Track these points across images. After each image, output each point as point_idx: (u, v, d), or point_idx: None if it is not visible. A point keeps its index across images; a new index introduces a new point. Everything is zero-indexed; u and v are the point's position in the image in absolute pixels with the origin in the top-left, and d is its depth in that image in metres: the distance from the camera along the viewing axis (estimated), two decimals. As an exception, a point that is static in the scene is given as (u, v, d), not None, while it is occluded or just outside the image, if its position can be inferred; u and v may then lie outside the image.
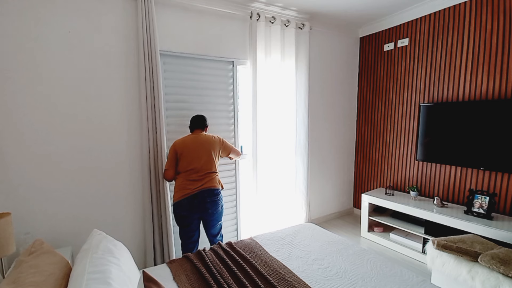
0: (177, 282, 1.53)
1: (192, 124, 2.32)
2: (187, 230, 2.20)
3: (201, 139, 2.22)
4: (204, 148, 2.18)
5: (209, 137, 2.26)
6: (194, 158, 2.14)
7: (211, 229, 2.25)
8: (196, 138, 2.22)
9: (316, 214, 3.62)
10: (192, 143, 2.18)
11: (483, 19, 2.50)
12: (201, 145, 2.18)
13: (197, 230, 2.25)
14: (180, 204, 2.12)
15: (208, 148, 2.20)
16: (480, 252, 1.88)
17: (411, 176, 3.21)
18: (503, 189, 2.45)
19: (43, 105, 1.99)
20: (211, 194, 2.15)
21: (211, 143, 2.22)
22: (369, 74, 3.63)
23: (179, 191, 2.13)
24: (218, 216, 2.24)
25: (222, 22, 2.68)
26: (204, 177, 2.15)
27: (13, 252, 1.56)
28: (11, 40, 1.86)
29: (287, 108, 3.08)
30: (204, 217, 2.20)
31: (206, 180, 2.15)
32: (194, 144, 2.18)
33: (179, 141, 2.20)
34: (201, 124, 2.31)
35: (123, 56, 2.24)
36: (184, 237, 2.22)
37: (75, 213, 2.15)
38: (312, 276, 1.62)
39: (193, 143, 2.18)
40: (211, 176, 2.18)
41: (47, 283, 1.11)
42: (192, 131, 2.32)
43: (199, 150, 2.16)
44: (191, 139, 2.21)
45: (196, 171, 2.13)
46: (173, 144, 2.21)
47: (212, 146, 2.22)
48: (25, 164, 1.96)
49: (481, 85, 2.55)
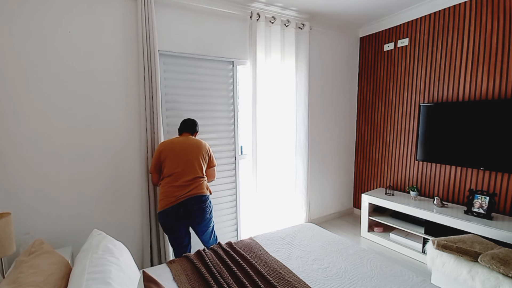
0: (177, 282, 1.53)
1: (182, 127, 2.23)
2: (176, 237, 2.10)
3: (190, 142, 2.12)
4: (193, 152, 2.06)
5: (198, 141, 2.16)
6: (181, 162, 2.01)
7: (202, 236, 2.14)
8: (184, 141, 2.11)
9: (316, 214, 3.62)
10: (180, 146, 2.07)
11: (483, 19, 2.50)
12: (189, 148, 2.07)
13: (187, 236, 2.16)
14: (165, 213, 1.98)
15: (197, 152, 2.08)
16: (480, 252, 1.88)
17: (411, 176, 3.21)
18: (503, 189, 2.45)
19: (42, 105, 1.99)
20: (198, 201, 2.01)
21: (199, 147, 2.11)
22: (369, 74, 3.63)
23: (164, 199, 1.98)
24: (207, 223, 2.12)
25: (222, 22, 2.68)
26: (192, 183, 2.01)
27: (13, 252, 1.56)
28: (11, 40, 1.86)
29: (287, 108, 3.08)
30: (192, 225, 2.10)
31: (194, 186, 2.01)
32: (182, 146, 2.06)
33: (167, 142, 2.10)
34: (190, 128, 2.22)
35: (122, 56, 2.24)
36: (174, 244, 2.12)
37: (75, 213, 2.15)
38: (312, 276, 1.62)
39: (181, 145, 2.07)
40: (199, 181, 2.05)
41: (47, 283, 1.11)
42: (181, 134, 2.22)
43: (187, 153, 2.04)
44: (179, 141, 2.10)
45: (183, 175, 2.00)
46: (159, 144, 2.11)
47: (201, 151, 2.11)
48: (25, 164, 1.96)
49: (481, 85, 2.55)
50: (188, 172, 2.02)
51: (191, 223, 2.09)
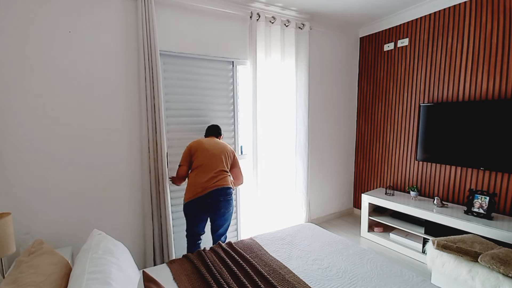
0: (177, 282, 1.53)
1: (208, 131, 2.45)
2: (196, 227, 2.22)
3: (216, 141, 2.33)
4: (219, 148, 2.25)
5: (224, 143, 2.35)
6: (208, 156, 2.19)
7: (220, 228, 2.24)
8: (211, 139, 2.33)
9: (316, 214, 3.62)
10: (207, 142, 2.27)
11: (483, 19, 2.50)
12: (215, 145, 2.26)
13: (203, 227, 2.29)
14: (192, 203, 2.13)
15: (222, 149, 2.26)
16: (480, 252, 1.88)
17: (411, 176, 3.21)
18: (503, 189, 2.45)
19: (42, 105, 1.99)
20: (224, 193, 2.16)
21: (225, 146, 2.31)
22: (369, 74, 3.63)
23: (191, 189, 2.13)
24: (229, 216, 2.26)
25: (222, 22, 2.68)
26: (218, 175, 2.17)
27: (13, 252, 1.56)
28: (10, 40, 1.86)
29: (287, 108, 3.08)
30: (215, 217, 2.20)
31: (220, 178, 2.17)
32: (209, 143, 2.26)
33: (194, 141, 2.29)
34: (216, 132, 2.44)
35: (123, 56, 2.24)
36: (192, 232, 2.24)
37: (75, 213, 2.15)
38: (312, 276, 1.62)
39: (208, 142, 2.27)
40: (224, 174, 2.21)
41: (47, 283, 1.11)
42: (207, 136, 2.43)
43: (214, 149, 2.22)
44: (207, 140, 2.31)
45: (210, 167, 2.16)
46: (189, 143, 2.28)
47: (225, 149, 2.29)
48: (25, 164, 1.96)
49: (481, 85, 2.55)
50: (215, 165, 2.18)
51: (215, 215, 2.19)
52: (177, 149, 2.52)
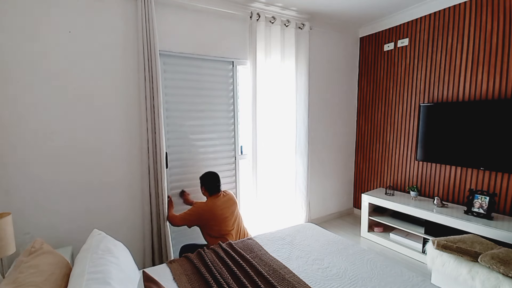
0: (177, 282, 1.53)
1: (212, 188, 2.28)
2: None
3: (225, 202, 2.27)
4: (231, 211, 2.29)
5: (229, 197, 2.33)
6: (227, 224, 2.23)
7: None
8: (223, 204, 2.24)
9: (316, 214, 3.62)
10: (221, 210, 2.21)
11: (483, 19, 2.50)
12: (227, 208, 2.25)
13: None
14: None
15: (234, 208, 2.32)
16: (480, 252, 1.88)
17: (411, 176, 3.21)
18: (503, 189, 2.45)
19: (42, 105, 1.99)
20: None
21: (234, 203, 2.34)
22: (369, 74, 3.63)
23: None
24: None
25: (222, 22, 2.67)
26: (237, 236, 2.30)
27: (13, 252, 1.56)
28: (10, 40, 1.86)
29: (287, 108, 3.07)
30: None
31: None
32: (222, 210, 2.22)
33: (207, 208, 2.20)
34: (219, 188, 2.31)
35: (123, 56, 2.23)
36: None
37: (75, 213, 2.15)
38: (312, 276, 1.61)
39: (221, 209, 2.22)
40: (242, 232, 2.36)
41: (47, 283, 1.11)
42: (212, 194, 2.28)
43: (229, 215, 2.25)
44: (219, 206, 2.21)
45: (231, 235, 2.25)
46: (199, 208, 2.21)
47: (235, 205, 2.35)
48: (25, 164, 1.96)
49: (481, 85, 2.55)
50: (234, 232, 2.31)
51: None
52: (176, 149, 2.52)
